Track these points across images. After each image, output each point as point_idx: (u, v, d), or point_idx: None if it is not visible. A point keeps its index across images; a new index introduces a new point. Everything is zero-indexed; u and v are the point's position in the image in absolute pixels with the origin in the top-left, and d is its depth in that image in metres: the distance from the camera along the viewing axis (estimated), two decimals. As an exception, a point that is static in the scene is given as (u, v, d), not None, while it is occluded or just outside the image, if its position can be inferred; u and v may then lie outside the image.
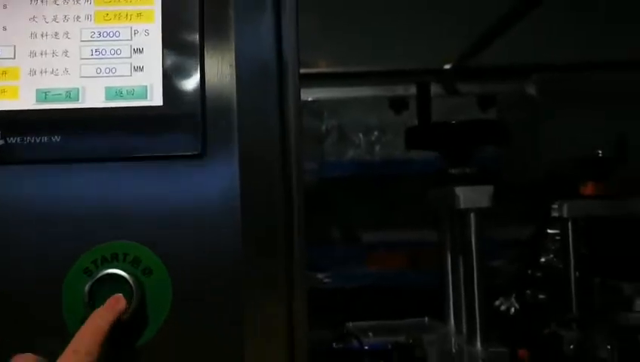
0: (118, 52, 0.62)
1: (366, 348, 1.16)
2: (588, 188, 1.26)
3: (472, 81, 1.72)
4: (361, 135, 2.76)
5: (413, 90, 1.46)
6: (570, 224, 1.26)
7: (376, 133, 2.69)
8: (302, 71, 2.01)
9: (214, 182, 0.59)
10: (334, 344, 1.27)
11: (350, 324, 1.40)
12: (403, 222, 2.50)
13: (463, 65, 1.57)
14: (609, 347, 1.21)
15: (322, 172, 2.65)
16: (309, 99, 1.77)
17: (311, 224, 2.35)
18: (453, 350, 1.20)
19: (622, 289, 1.14)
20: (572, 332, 1.23)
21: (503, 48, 1.51)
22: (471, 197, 1.20)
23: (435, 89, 1.75)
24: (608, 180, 1.26)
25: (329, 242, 2.85)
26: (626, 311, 1.15)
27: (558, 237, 1.33)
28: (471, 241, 1.21)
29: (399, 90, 1.70)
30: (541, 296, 1.41)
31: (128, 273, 0.56)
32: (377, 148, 2.69)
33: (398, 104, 1.71)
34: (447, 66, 1.62)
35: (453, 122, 1.25)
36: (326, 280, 2.58)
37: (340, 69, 1.83)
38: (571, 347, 1.22)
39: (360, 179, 2.76)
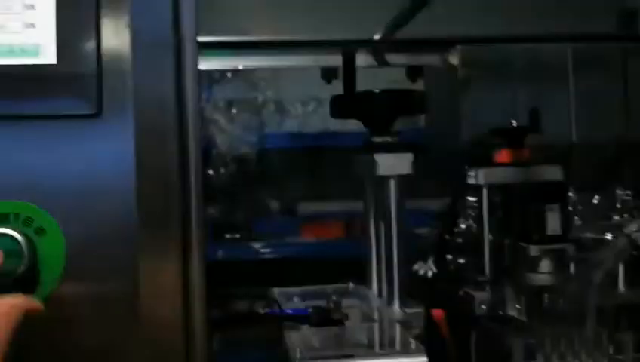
0: (9, 7, 0.61)
1: (288, 312, 1.19)
2: (502, 156, 1.31)
3: (401, 52, 1.74)
4: (298, 106, 2.76)
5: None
6: (484, 190, 1.32)
7: (313, 104, 2.70)
8: (236, 38, 1.98)
9: (109, 142, 0.59)
10: (260, 309, 1.29)
11: (276, 290, 1.43)
12: (339, 193, 2.54)
13: (392, 35, 1.59)
14: (517, 306, 1.28)
15: (260, 143, 2.65)
16: (240, 67, 1.76)
17: (249, 195, 2.35)
18: (374, 312, 1.24)
19: (529, 251, 1.21)
20: (484, 292, 1.30)
21: (429, 20, 1.54)
22: (390, 164, 1.24)
23: (367, 60, 1.78)
24: (521, 148, 1.32)
25: (266, 213, 2.87)
26: (533, 272, 1.22)
27: (476, 204, 1.38)
28: (391, 207, 1.25)
29: (331, 60, 1.70)
30: (461, 261, 1.47)
31: (19, 233, 0.56)
32: (314, 119, 2.70)
33: (328, 74, 1.72)
34: (376, 37, 1.64)
35: (375, 91, 1.28)
36: (262, 250, 2.60)
37: (273, 38, 1.81)
38: (483, 307, 1.29)
39: (297, 151, 2.77)
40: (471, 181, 1.33)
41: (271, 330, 1.27)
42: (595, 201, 1.55)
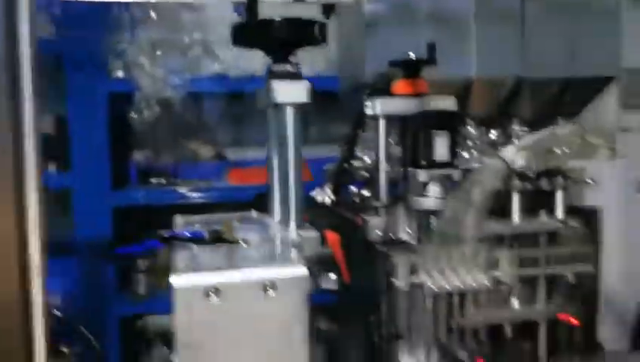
0: None
1: (185, 233, 1.22)
2: (399, 87, 1.35)
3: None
4: (225, 49, 2.73)
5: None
6: (381, 120, 1.36)
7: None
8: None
9: None
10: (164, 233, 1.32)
11: (180, 217, 1.45)
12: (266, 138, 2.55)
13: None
14: (408, 230, 1.35)
15: (185, 87, 2.61)
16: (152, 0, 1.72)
17: (174, 139, 2.32)
18: (269, 235, 1.28)
19: (417, 176, 1.26)
20: (378, 218, 1.36)
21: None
22: (288, 91, 1.26)
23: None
24: (418, 80, 1.36)
25: (192, 157, 2.86)
26: (421, 197, 1.28)
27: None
28: (287, 135, 1.28)
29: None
30: (360, 189, 1.52)
31: None
32: (242, 63, 2.68)
33: (240, 8, 1.70)
34: (288, -29, 1.63)
35: (275, 19, 1.29)
36: (189, 194, 2.61)
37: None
38: (377, 231, 1.35)
39: (224, 95, 2.75)
40: (369, 111, 1.37)
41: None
42: (493, 136, 1.63)
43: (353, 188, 1.57)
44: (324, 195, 1.35)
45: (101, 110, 2.48)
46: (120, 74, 2.57)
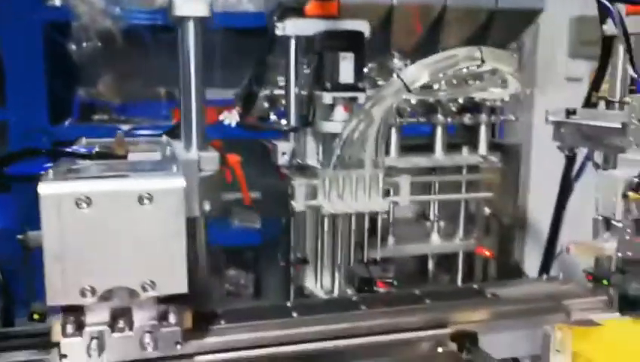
0: None
1: (79, 149, 1.19)
2: (310, 9, 1.31)
3: None
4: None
5: None
6: (292, 41, 1.32)
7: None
8: None
9: None
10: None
11: (84, 139, 1.41)
12: (213, 78, 2.49)
13: None
14: (317, 153, 1.33)
15: (126, 18, 2.51)
16: None
17: (117, 74, 2.21)
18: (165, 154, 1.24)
19: (323, 99, 1.23)
20: (286, 142, 1.33)
21: None
22: (188, 4, 1.20)
23: None
24: (330, 2, 1.32)
25: (137, 94, 2.79)
26: (327, 121, 1.25)
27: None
28: (189, 50, 1.23)
29: None
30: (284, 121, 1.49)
31: None
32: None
33: None
34: None
35: None
36: (130, 131, 2.56)
37: None
38: (284, 155, 1.33)
39: (166, 28, 2.66)
40: (279, 32, 1.32)
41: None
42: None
43: (274, 117, 1.54)
44: (231, 118, 1.32)
45: (36, 40, 2.38)
46: (57, 2, 2.46)
